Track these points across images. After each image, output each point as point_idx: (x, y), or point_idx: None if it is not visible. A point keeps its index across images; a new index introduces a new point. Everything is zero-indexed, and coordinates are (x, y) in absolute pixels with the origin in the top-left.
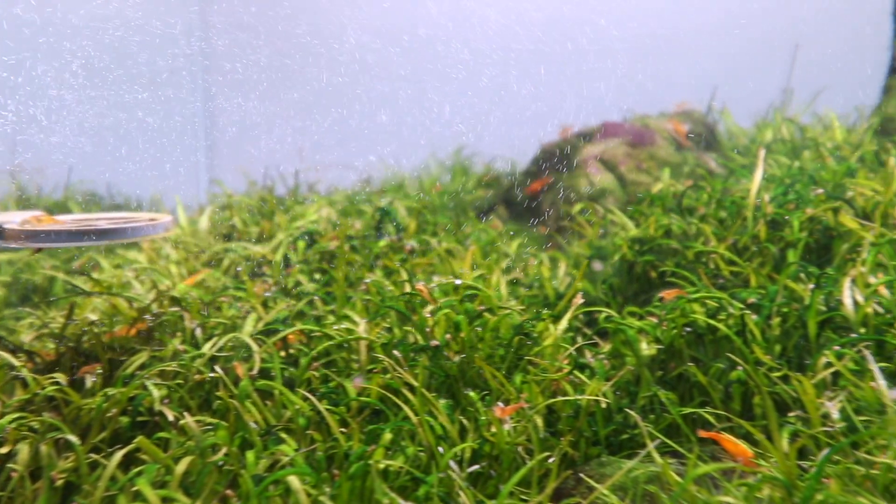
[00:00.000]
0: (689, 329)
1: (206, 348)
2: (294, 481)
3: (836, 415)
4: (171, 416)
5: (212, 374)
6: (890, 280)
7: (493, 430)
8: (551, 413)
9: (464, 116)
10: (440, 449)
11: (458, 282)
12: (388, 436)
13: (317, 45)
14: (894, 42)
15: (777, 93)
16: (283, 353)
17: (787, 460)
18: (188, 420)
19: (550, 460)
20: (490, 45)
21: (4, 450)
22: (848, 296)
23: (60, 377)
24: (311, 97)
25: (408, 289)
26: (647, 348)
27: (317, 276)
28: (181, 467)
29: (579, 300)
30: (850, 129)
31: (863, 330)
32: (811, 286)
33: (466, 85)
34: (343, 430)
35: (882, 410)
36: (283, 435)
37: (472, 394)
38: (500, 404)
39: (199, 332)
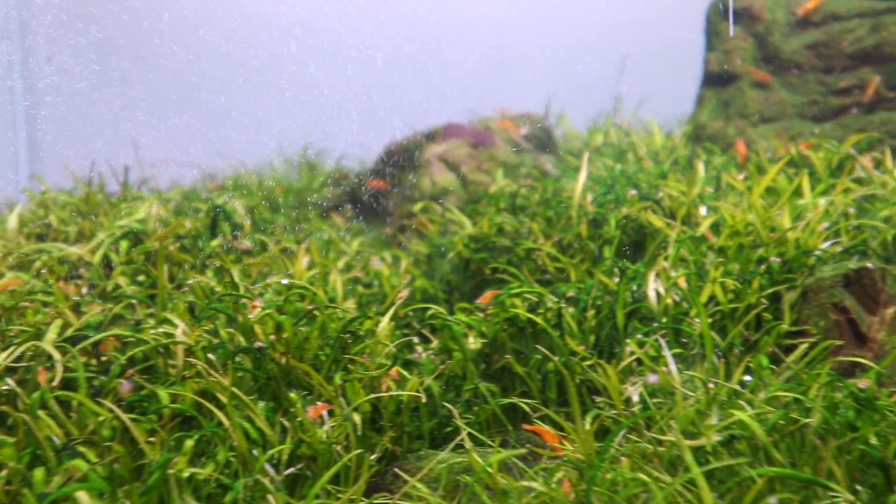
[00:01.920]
0: (511, 323)
1: (2, 358)
2: (83, 497)
3: (636, 398)
4: None
5: (6, 387)
6: (687, 273)
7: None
8: (377, 410)
9: (315, 114)
10: (255, 453)
11: (285, 281)
12: (189, 443)
13: (156, 32)
14: (706, 56)
15: (610, 100)
16: (94, 361)
17: (587, 443)
18: None
19: (373, 457)
20: (343, 42)
21: None
22: (652, 288)
23: None
24: (150, 88)
25: (236, 290)
26: (473, 342)
27: (140, 277)
28: None
29: (404, 296)
30: (669, 136)
31: (664, 319)
32: (617, 280)
33: (318, 82)
34: (152, 439)
35: (673, 392)
36: (86, 448)
37: (292, 395)
38: (319, 404)
39: None
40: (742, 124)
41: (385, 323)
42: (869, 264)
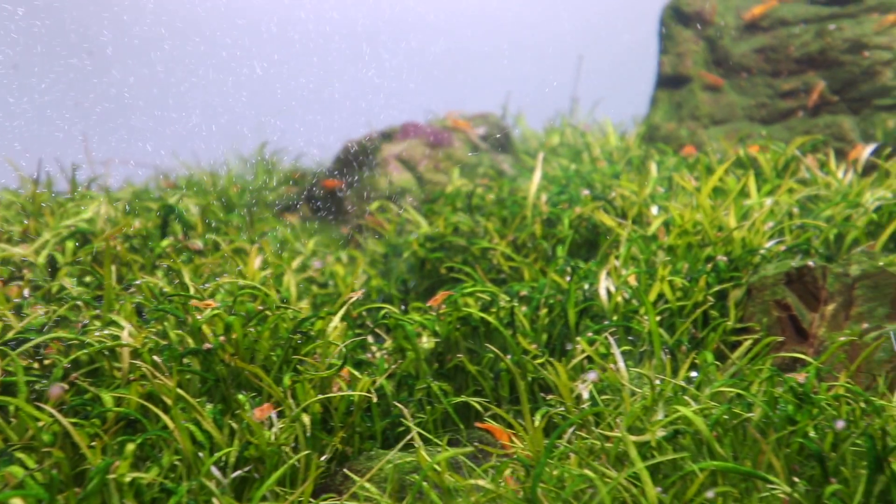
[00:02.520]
0: (464, 322)
1: None
2: None
3: (586, 395)
4: None
5: None
6: (638, 272)
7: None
8: (328, 411)
9: (272, 112)
10: (201, 456)
11: (240, 282)
12: (131, 447)
13: (108, 28)
14: (660, 59)
15: (566, 101)
16: (36, 365)
17: (535, 440)
18: None
19: (323, 458)
20: (303, 41)
21: None
22: (603, 287)
23: None
24: (102, 85)
25: (186, 291)
26: (426, 342)
27: (87, 279)
28: None
29: (355, 296)
30: (623, 136)
31: (615, 317)
32: (568, 279)
33: (276, 80)
34: (94, 444)
35: (622, 389)
36: (24, 455)
37: (241, 396)
38: (265, 406)
39: None
40: (694, 126)
41: (335, 323)
42: (810, 262)
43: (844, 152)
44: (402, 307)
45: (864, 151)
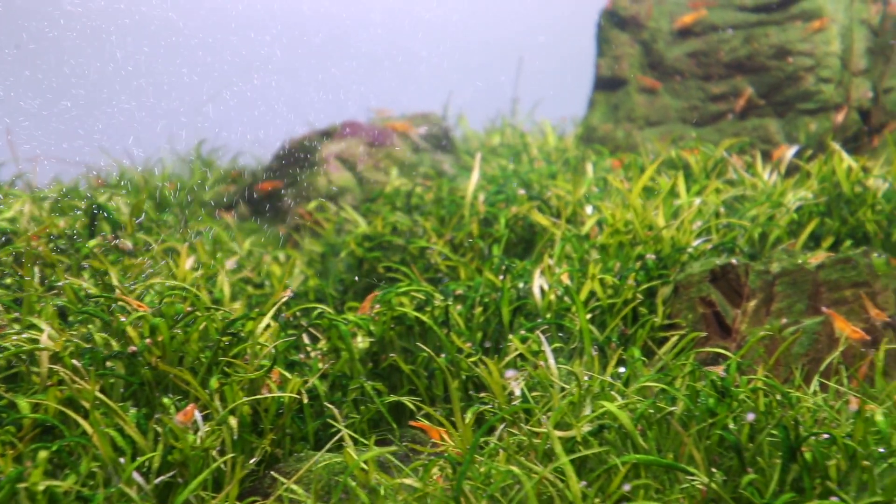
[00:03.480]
0: (399, 322)
1: None
2: None
3: (518, 392)
4: None
5: None
6: (570, 270)
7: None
8: (259, 414)
9: (211, 109)
10: (122, 461)
11: (167, 283)
12: (44, 454)
13: (39, 19)
14: (598, 62)
15: (508, 102)
16: None
17: (465, 438)
18: None
19: (253, 461)
20: (243, 37)
21: None
22: (537, 285)
23: None
24: (30, 80)
25: (112, 292)
26: (361, 342)
27: (7, 280)
28: None
29: (286, 296)
30: (562, 137)
31: (548, 315)
32: (503, 277)
33: (214, 76)
34: (9, 452)
35: (553, 386)
36: None
37: (166, 400)
38: (188, 409)
39: None
40: (629, 127)
41: (265, 323)
42: (734, 260)
43: (770, 154)
44: (341, 306)
45: (788, 153)
